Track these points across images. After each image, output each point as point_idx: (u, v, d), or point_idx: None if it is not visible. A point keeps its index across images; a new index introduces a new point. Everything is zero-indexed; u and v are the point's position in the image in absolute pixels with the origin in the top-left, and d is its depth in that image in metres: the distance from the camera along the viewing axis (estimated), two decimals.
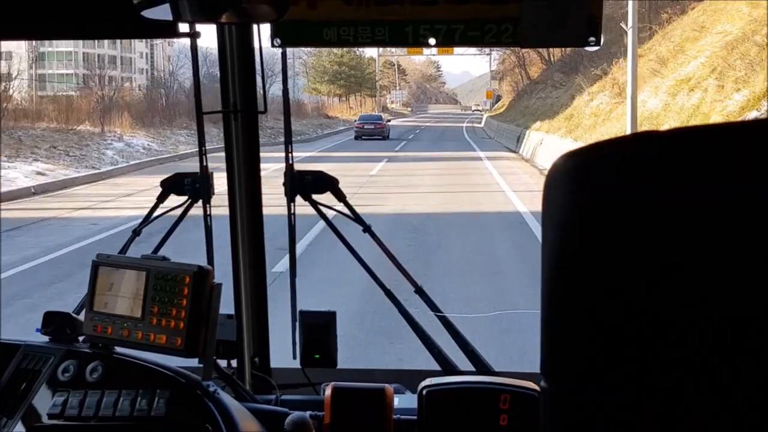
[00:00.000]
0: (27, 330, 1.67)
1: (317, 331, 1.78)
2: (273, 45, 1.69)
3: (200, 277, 1.39)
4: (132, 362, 1.46)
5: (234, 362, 1.82)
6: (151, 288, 1.42)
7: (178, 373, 1.41)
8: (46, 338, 1.56)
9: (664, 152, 0.41)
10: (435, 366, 1.79)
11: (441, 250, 8.83)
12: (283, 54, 1.80)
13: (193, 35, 1.61)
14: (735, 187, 0.39)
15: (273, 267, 5.84)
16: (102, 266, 1.48)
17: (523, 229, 9.99)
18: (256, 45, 1.79)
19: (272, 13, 1.42)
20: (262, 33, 1.74)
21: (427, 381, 1.44)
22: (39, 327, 1.57)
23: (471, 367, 1.79)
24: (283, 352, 1.89)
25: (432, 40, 1.61)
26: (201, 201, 1.87)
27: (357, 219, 1.89)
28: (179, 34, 1.55)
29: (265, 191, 1.92)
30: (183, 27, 1.55)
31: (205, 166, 1.86)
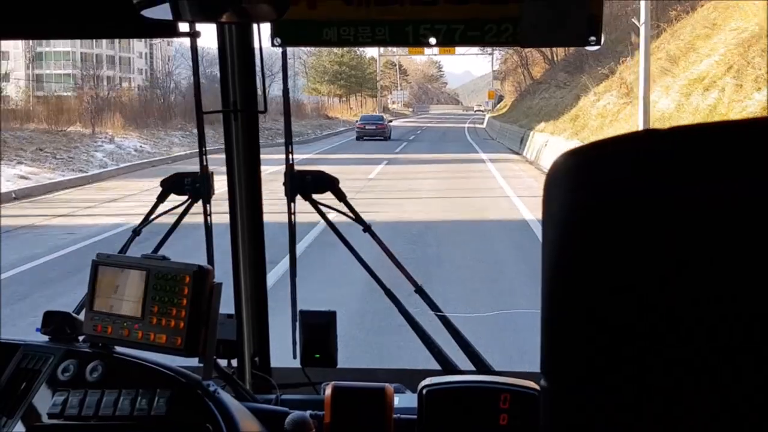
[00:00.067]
0: None
1: (317, 331, 1.80)
2: (273, 45, 1.71)
3: (200, 277, 1.42)
4: (132, 362, 1.48)
5: (234, 362, 1.85)
6: (151, 287, 1.44)
7: (179, 373, 1.43)
8: (46, 338, 1.58)
9: (667, 150, 0.42)
10: (435, 365, 1.82)
11: (442, 264, 8.24)
12: (284, 54, 1.82)
13: (193, 35, 1.63)
14: (741, 185, 0.39)
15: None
16: (102, 266, 1.50)
17: (531, 240, 9.35)
18: (257, 45, 1.81)
19: (272, 13, 1.44)
20: (263, 33, 1.76)
21: (428, 380, 1.46)
22: (39, 326, 1.59)
23: (471, 367, 1.81)
24: (284, 352, 1.92)
25: (432, 40, 1.63)
26: (201, 201, 1.90)
27: (357, 219, 1.92)
28: (179, 34, 1.58)
29: (263, 194, 1.94)
30: (183, 27, 1.58)
31: (206, 166, 1.89)
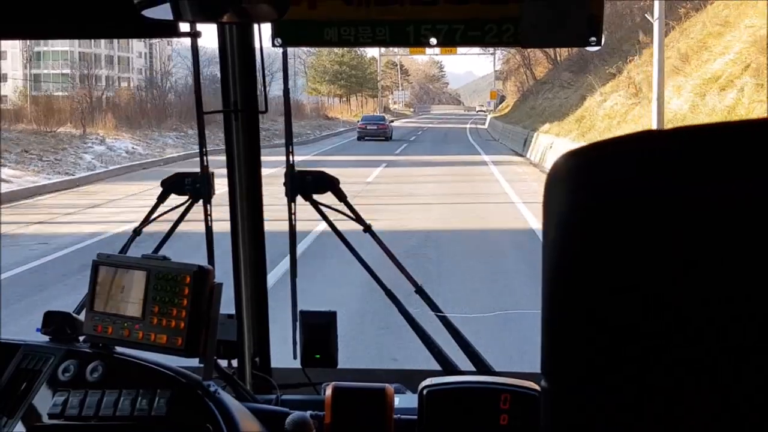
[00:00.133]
0: None
1: (318, 331, 1.83)
2: (274, 45, 1.74)
3: (201, 277, 1.45)
4: (132, 362, 1.50)
5: (234, 362, 1.87)
6: (152, 288, 1.47)
7: (179, 373, 1.46)
8: (47, 338, 1.61)
9: (675, 149, 0.43)
10: (435, 366, 1.85)
11: (443, 283, 7.36)
12: (284, 54, 1.85)
13: (194, 35, 1.66)
14: (754, 185, 0.40)
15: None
16: (102, 266, 1.53)
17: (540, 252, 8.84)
18: (257, 45, 1.84)
19: (273, 13, 1.47)
20: (263, 33, 1.80)
21: (428, 381, 1.49)
22: (39, 327, 1.62)
23: (471, 367, 1.84)
24: (284, 352, 1.95)
25: (433, 40, 1.66)
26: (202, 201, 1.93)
27: (357, 219, 1.95)
28: (180, 34, 1.60)
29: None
30: (184, 27, 1.60)
31: (206, 166, 1.92)
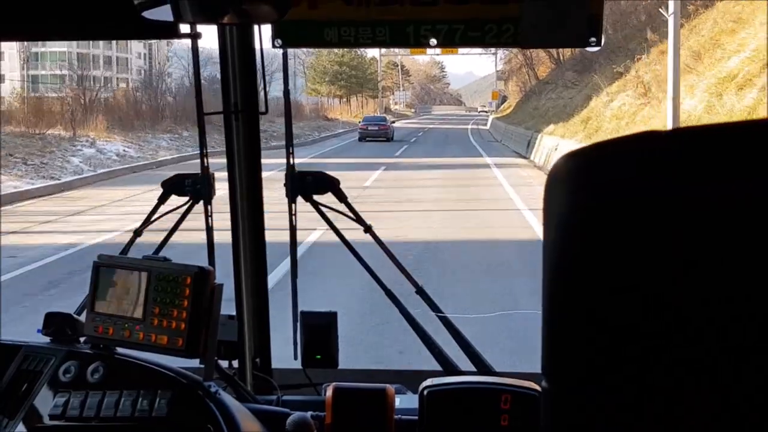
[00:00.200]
0: None
1: (318, 332, 1.86)
2: (274, 45, 1.77)
3: (201, 278, 1.48)
4: (133, 363, 1.53)
5: (235, 363, 1.90)
6: (153, 289, 1.50)
7: (180, 374, 1.49)
8: (47, 339, 1.64)
9: (675, 150, 0.43)
10: (436, 366, 1.88)
11: (446, 307, 6.15)
12: (284, 55, 1.88)
13: (194, 36, 1.69)
14: (754, 185, 0.40)
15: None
16: (103, 267, 1.56)
17: None
18: (257, 46, 1.87)
19: (273, 14, 1.51)
20: (263, 33, 1.82)
21: (428, 381, 1.52)
22: (40, 328, 1.65)
23: (472, 368, 1.87)
24: (285, 353, 1.98)
25: (433, 41, 1.70)
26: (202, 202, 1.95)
27: (358, 219, 1.98)
28: (180, 35, 1.63)
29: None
30: (184, 28, 1.63)
31: (207, 167, 1.95)
